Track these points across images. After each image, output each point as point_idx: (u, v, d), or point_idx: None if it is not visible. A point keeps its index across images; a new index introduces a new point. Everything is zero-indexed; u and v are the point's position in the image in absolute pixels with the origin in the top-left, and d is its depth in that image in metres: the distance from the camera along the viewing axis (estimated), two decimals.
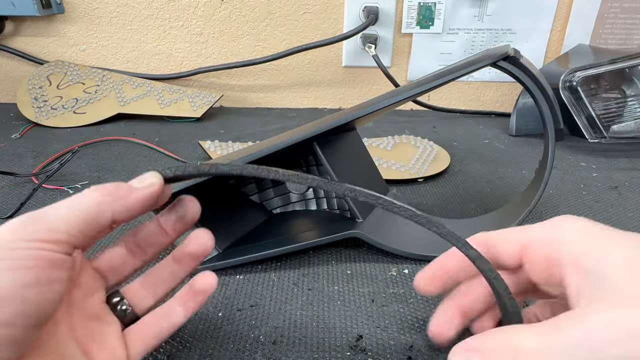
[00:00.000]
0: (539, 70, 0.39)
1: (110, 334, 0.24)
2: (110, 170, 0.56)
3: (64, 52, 0.79)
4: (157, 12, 0.77)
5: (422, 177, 0.54)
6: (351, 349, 0.29)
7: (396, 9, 0.76)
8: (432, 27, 0.77)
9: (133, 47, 0.80)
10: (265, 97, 0.85)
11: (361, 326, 0.31)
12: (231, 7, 0.77)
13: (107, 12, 0.77)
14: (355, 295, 0.34)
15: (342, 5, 0.77)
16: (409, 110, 0.85)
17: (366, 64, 0.81)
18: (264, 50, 0.80)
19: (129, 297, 0.25)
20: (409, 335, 0.31)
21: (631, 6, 0.76)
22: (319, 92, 0.85)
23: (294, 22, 0.78)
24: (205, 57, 0.81)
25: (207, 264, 0.36)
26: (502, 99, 0.85)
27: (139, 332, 0.24)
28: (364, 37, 0.77)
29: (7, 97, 0.83)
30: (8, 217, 0.44)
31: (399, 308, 0.33)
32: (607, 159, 0.61)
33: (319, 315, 0.32)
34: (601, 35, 0.79)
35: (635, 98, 0.64)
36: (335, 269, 0.38)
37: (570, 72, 0.62)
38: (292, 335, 0.30)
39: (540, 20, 0.77)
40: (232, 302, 0.33)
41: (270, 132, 0.71)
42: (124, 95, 0.75)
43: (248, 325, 0.31)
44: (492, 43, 0.79)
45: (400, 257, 0.39)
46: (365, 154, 0.46)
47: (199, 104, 0.76)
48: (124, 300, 0.25)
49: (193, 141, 0.66)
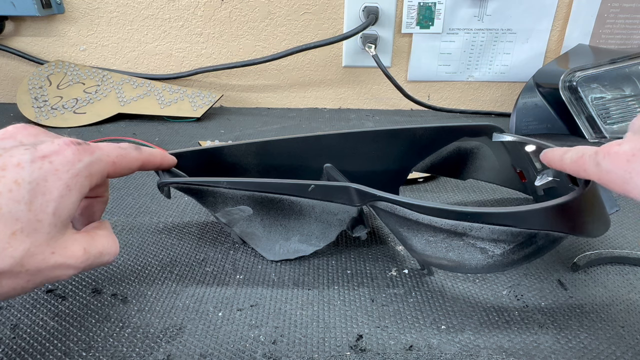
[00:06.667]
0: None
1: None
2: None
3: (64, 52, 0.79)
4: (157, 12, 0.77)
5: (422, 177, 0.54)
6: (351, 349, 0.29)
7: (396, 9, 0.76)
8: (432, 27, 0.77)
9: (133, 47, 0.80)
10: (265, 97, 0.85)
11: (361, 326, 0.31)
12: (231, 7, 0.77)
13: (107, 12, 0.77)
14: (355, 295, 0.34)
15: (342, 5, 0.77)
16: (408, 110, 0.85)
17: (366, 64, 0.81)
18: (264, 50, 0.80)
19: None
20: (409, 335, 0.31)
21: (631, 6, 0.76)
22: (319, 92, 0.85)
23: (294, 22, 0.78)
24: (205, 57, 0.81)
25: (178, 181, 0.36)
26: (502, 99, 0.85)
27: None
28: (364, 37, 0.77)
29: (7, 97, 0.83)
30: None
31: (399, 308, 0.33)
32: None
33: (319, 315, 0.32)
34: (601, 35, 0.79)
35: (635, 98, 0.64)
36: (335, 269, 0.38)
37: (570, 72, 0.62)
38: (292, 335, 0.31)
39: (540, 20, 0.77)
40: (232, 302, 0.33)
41: (270, 132, 0.71)
42: (124, 95, 0.75)
43: (248, 325, 0.31)
44: (492, 43, 0.79)
45: (400, 257, 0.39)
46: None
47: (199, 104, 0.76)
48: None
49: (193, 141, 0.66)
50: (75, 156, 0.24)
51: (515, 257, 0.31)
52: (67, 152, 0.23)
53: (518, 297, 0.34)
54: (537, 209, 0.29)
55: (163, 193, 0.36)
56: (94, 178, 0.25)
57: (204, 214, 0.46)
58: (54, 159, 0.23)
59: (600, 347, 0.30)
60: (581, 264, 0.37)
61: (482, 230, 0.30)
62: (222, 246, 0.40)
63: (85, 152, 0.24)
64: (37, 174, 0.22)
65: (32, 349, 0.29)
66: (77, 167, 0.24)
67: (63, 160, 0.23)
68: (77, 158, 0.24)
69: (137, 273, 0.37)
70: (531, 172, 0.44)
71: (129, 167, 0.28)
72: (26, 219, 0.21)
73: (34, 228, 0.22)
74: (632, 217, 0.46)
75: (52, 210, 0.22)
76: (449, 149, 0.47)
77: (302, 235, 0.37)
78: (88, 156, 0.24)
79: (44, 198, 0.22)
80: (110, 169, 0.27)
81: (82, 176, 0.24)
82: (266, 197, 0.36)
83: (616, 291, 0.35)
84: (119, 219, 0.45)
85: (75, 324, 0.31)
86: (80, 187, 0.24)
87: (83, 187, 0.24)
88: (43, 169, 0.22)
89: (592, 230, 0.33)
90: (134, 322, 0.31)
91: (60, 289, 0.35)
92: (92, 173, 0.25)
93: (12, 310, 0.32)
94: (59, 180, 0.23)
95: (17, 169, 0.22)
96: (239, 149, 0.42)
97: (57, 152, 0.23)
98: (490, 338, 0.30)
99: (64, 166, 0.23)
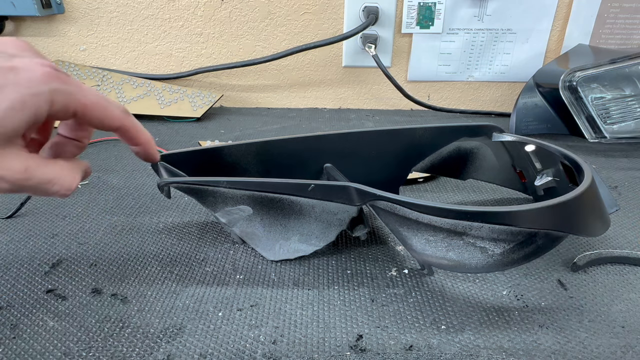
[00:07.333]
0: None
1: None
2: (110, 170, 0.56)
3: (64, 52, 0.79)
4: (157, 12, 0.77)
5: (422, 177, 0.54)
6: (351, 349, 0.29)
7: (396, 9, 0.76)
8: (432, 27, 0.77)
9: (133, 47, 0.80)
10: (265, 97, 0.85)
11: (361, 326, 0.31)
12: (231, 7, 0.77)
13: (107, 12, 0.77)
14: (355, 295, 0.34)
15: (342, 5, 0.77)
16: (408, 110, 0.85)
17: (366, 64, 0.81)
18: (264, 50, 0.80)
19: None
20: (408, 335, 0.31)
21: (631, 6, 0.76)
22: (319, 92, 0.85)
23: (294, 22, 0.78)
24: (205, 57, 0.81)
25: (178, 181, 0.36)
26: (502, 99, 0.85)
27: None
28: (364, 37, 0.77)
29: None
30: (8, 217, 0.44)
31: (399, 308, 0.33)
32: (607, 159, 0.61)
33: (319, 315, 0.32)
34: (601, 35, 0.79)
35: (635, 98, 0.63)
36: (335, 269, 0.38)
37: (570, 72, 0.62)
38: (292, 335, 0.31)
39: (540, 20, 0.77)
40: (232, 302, 0.33)
41: (270, 132, 0.71)
42: (124, 95, 0.75)
43: (248, 325, 0.31)
44: (492, 43, 0.79)
45: (400, 257, 0.39)
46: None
47: (199, 104, 0.76)
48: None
49: (193, 141, 0.66)
50: (44, 77, 0.24)
51: (515, 256, 0.31)
52: (37, 72, 0.23)
53: (518, 297, 0.34)
54: (536, 208, 0.29)
55: (163, 193, 0.36)
56: (55, 106, 0.24)
57: (204, 214, 0.46)
58: (21, 74, 0.23)
59: (600, 347, 0.30)
60: (581, 264, 0.37)
61: (482, 230, 0.30)
62: (222, 246, 0.40)
63: (57, 79, 0.24)
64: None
65: (32, 349, 0.29)
66: (39, 88, 0.23)
67: (29, 76, 0.23)
68: (44, 80, 0.24)
69: (137, 273, 0.37)
70: (531, 172, 0.44)
71: (101, 120, 0.27)
72: None
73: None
74: (632, 217, 0.46)
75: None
76: (449, 149, 0.47)
77: (302, 235, 0.37)
78: (58, 83, 0.24)
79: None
80: (79, 109, 0.26)
81: (41, 98, 0.23)
82: (266, 197, 0.36)
83: (616, 291, 0.35)
84: (119, 219, 0.45)
85: (75, 324, 0.31)
86: (36, 108, 0.23)
87: (39, 109, 0.24)
88: (5, 78, 0.22)
89: (592, 230, 0.33)
90: (134, 322, 0.31)
91: (60, 289, 0.35)
92: (55, 100, 0.24)
93: (12, 310, 0.32)
94: (15, 93, 0.23)
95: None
96: (239, 149, 0.42)
97: (28, 68, 0.23)
98: (490, 338, 0.30)
99: (27, 82, 0.23)
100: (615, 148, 0.65)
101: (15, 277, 0.36)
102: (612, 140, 0.62)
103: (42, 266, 0.37)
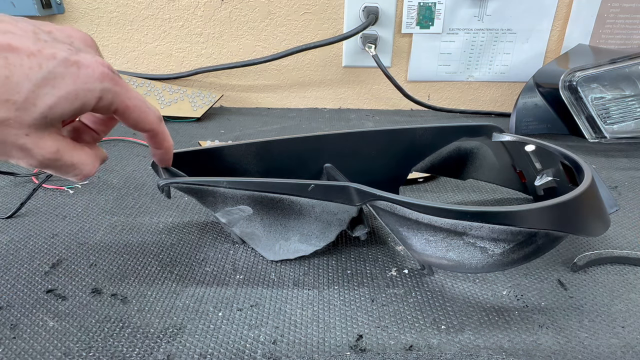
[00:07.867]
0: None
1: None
2: (110, 170, 0.56)
3: None
4: (157, 12, 0.77)
5: (422, 177, 0.54)
6: (351, 349, 0.29)
7: (396, 9, 0.76)
8: (432, 27, 0.77)
9: (133, 47, 0.80)
10: (265, 97, 0.85)
11: (361, 326, 0.31)
12: (231, 7, 0.77)
13: (107, 12, 0.77)
14: (355, 295, 0.34)
15: (342, 5, 0.77)
16: (408, 110, 0.85)
17: (366, 64, 0.81)
18: (264, 50, 0.80)
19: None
20: (409, 335, 0.31)
21: (631, 6, 0.76)
22: (319, 92, 0.85)
23: (294, 22, 0.78)
24: (205, 57, 0.81)
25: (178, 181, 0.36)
26: (502, 99, 0.85)
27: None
28: (364, 37, 0.77)
29: None
30: (8, 217, 0.44)
31: (399, 308, 0.33)
32: (607, 159, 0.62)
33: (319, 316, 0.32)
34: (601, 35, 0.79)
35: (635, 98, 0.63)
36: (335, 269, 0.38)
37: (570, 72, 0.62)
38: (292, 336, 0.31)
39: (540, 20, 0.77)
40: (232, 302, 0.33)
41: (270, 132, 0.71)
42: None
43: (248, 325, 0.31)
44: (492, 43, 0.79)
45: (400, 257, 0.39)
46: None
47: (199, 104, 0.76)
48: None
49: (193, 141, 0.66)
50: (100, 76, 0.26)
51: (515, 256, 0.31)
52: (96, 70, 0.26)
53: (518, 297, 0.34)
54: (536, 208, 0.29)
55: (163, 193, 0.36)
56: (102, 102, 0.26)
57: (204, 214, 0.46)
58: (82, 69, 0.25)
59: (600, 347, 0.30)
60: (581, 264, 0.37)
61: (482, 230, 0.30)
62: (222, 246, 0.40)
63: (111, 80, 0.26)
64: (59, 70, 0.24)
65: (32, 349, 0.29)
66: (94, 85, 0.25)
67: (88, 73, 0.25)
68: (100, 78, 0.26)
69: (137, 273, 0.37)
70: (531, 172, 0.44)
71: (137, 122, 0.29)
72: (25, 96, 0.24)
73: (25, 107, 0.24)
74: (632, 217, 0.46)
75: (50, 103, 0.24)
76: (448, 149, 0.47)
77: (302, 235, 0.37)
78: (110, 83, 0.26)
79: (51, 90, 0.24)
80: (121, 108, 0.28)
81: (93, 94, 0.26)
82: (266, 197, 0.36)
83: (616, 291, 0.35)
84: (119, 219, 0.45)
85: (75, 324, 0.31)
86: (86, 100, 0.26)
87: (88, 102, 0.26)
88: (67, 70, 0.25)
89: (592, 230, 0.33)
90: (134, 322, 0.31)
91: (60, 289, 0.35)
92: (103, 98, 0.26)
93: (12, 310, 0.32)
94: (72, 85, 0.25)
95: (49, 58, 0.24)
96: (239, 149, 0.42)
97: (89, 65, 0.25)
98: (490, 338, 0.30)
99: (85, 77, 0.25)
100: (615, 148, 0.65)
101: (15, 277, 0.36)
102: (612, 140, 0.62)
103: (42, 266, 0.37)
